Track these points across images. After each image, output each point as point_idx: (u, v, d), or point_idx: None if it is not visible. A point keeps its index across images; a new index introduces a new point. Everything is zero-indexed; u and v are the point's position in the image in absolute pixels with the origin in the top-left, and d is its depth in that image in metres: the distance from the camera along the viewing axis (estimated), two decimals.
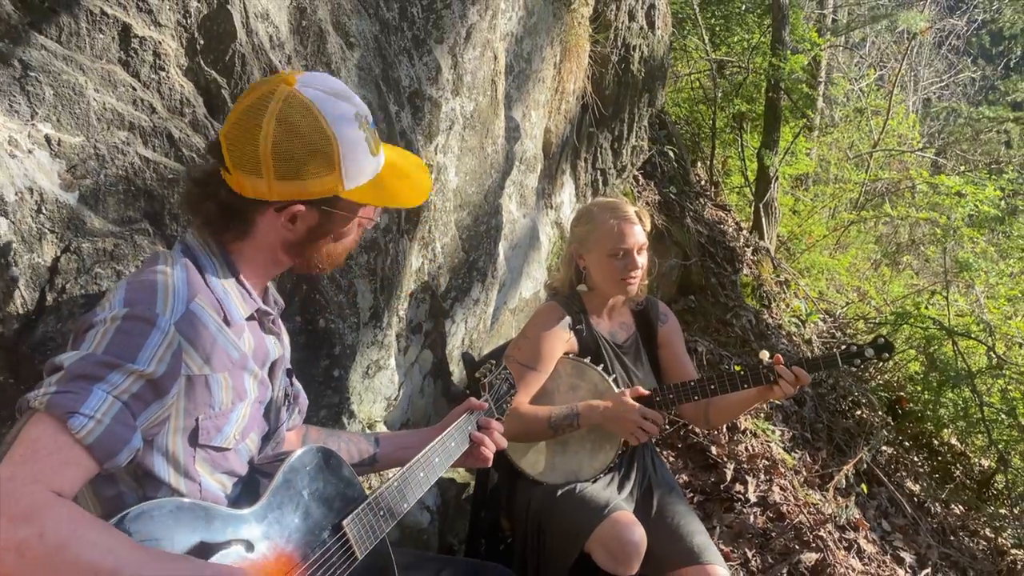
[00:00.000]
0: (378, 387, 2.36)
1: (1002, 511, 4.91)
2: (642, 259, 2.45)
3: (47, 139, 1.45)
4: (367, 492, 1.58)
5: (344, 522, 1.47)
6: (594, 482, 2.41)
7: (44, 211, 1.48)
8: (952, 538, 4.48)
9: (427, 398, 2.68)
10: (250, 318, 1.43)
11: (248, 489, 1.47)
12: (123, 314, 1.21)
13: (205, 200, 1.38)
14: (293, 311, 1.98)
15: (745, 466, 3.90)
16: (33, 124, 1.43)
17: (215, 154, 1.37)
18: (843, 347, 2.42)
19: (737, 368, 2.45)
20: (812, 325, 5.34)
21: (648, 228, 2.49)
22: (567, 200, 3.87)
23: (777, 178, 6.26)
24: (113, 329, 1.19)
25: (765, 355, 2.41)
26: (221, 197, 1.37)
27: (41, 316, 1.52)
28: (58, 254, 1.52)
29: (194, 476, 1.34)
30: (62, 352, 1.21)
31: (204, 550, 1.22)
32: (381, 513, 1.55)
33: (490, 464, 1.83)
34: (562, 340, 2.43)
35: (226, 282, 1.40)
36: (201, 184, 1.40)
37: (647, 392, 2.39)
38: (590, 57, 3.63)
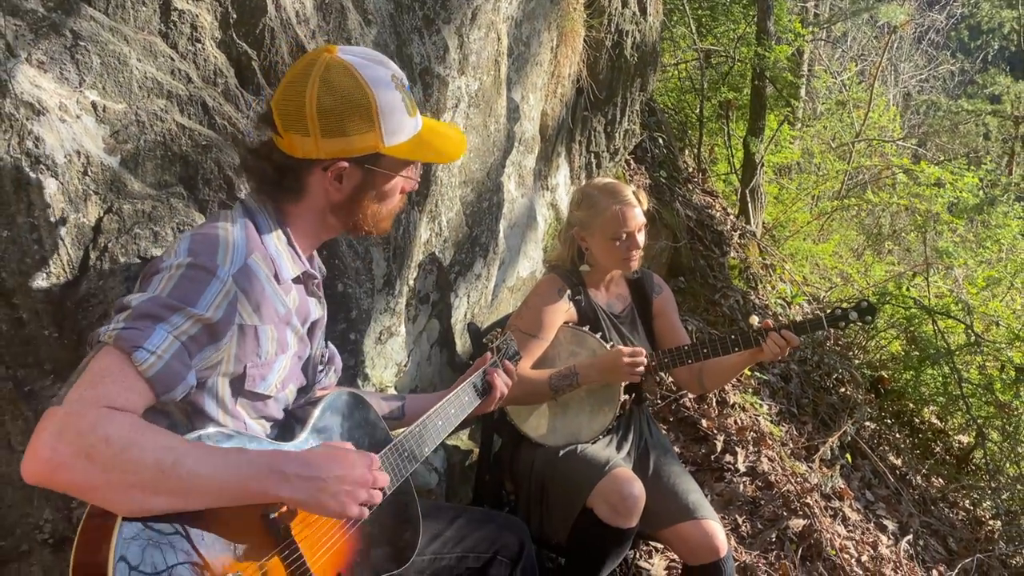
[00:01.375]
0: (390, 353, 2.47)
1: (980, 484, 5.08)
2: (642, 237, 2.57)
3: (93, 105, 1.55)
4: (392, 436, 1.70)
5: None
6: (594, 443, 2.53)
7: (90, 173, 1.58)
8: (932, 508, 4.65)
9: (434, 366, 2.79)
10: (297, 279, 1.55)
11: (284, 431, 1.58)
12: (187, 263, 1.32)
13: (260, 163, 1.50)
14: None
15: (734, 438, 4.04)
16: (81, 91, 1.53)
17: (267, 122, 1.49)
18: (828, 310, 2.56)
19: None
20: (797, 307, 5.50)
21: (646, 207, 2.61)
22: (562, 182, 3.99)
23: (763, 165, 6.42)
24: (178, 275, 1.30)
25: (755, 320, 2.54)
26: (275, 160, 1.49)
27: (85, 274, 1.62)
28: (101, 215, 1.62)
29: (239, 417, 1.46)
30: (126, 295, 1.32)
31: None
32: (405, 455, 1.67)
33: (500, 400, 1.98)
34: (562, 310, 2.55)
35: (279, 244, 1.51)
36: (256, 151, 1.52)
37: (632, 350, 2.51)
38: (585, 42, 3.75)
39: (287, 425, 1.60)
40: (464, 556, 1.92)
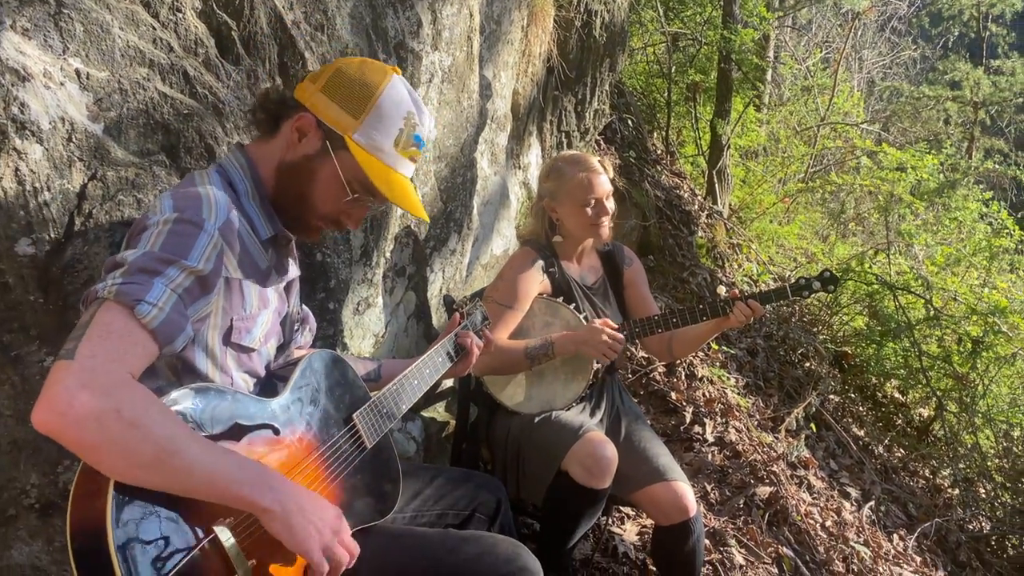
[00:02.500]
0: (367, 324, 2.52)
1: (939, 454, 5.26)
2: (610, 204, 2.65)
3: (77, 73, 1.58)
4: (370, 394, 1.76)
5: (354, 415, 1.65)
6: (568, 410, 2.60)
7: (74, 140, 1.61)
8: (894, 477, 4.81)
9: (411, 338, 2.85)
10: (273, 238, 1.60)
11: (266, 388, 1.63)
12: (174, 218, 1.36)
13: (277, 91, 1.59)
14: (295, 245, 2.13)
15: (703, 410, 4.15)
16: (65, 58, 1.56)
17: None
18: (792, 280, 2.65)
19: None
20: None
21: (612, 175, 2.69)
22: (534, 161, 4.05)
23: (729, 146, 6.53)
24: (167, 230, 1.34)
25: (722, 290, 2.63)
26: (281, 92, 1.58)
27: (70, 239, 1.65)
28: (85, 181, 1.65)
29: (227, 371, 1.50)
30: (114, 254, 1.36)
31: (238, 430, 1.39)
32: (383, 412, 1.73)
33: (474, 360, 2.04)
34: (536, 281, 2.61)
35: (255, 203, 1.56)
36: (282, 90, 1.61)
37: (615, 325, 2.59)
38: (555, 21, 3.80)
39: (269, 384, 1.65)
40: (444, 513, 1.98)
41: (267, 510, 1.28)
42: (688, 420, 4.06)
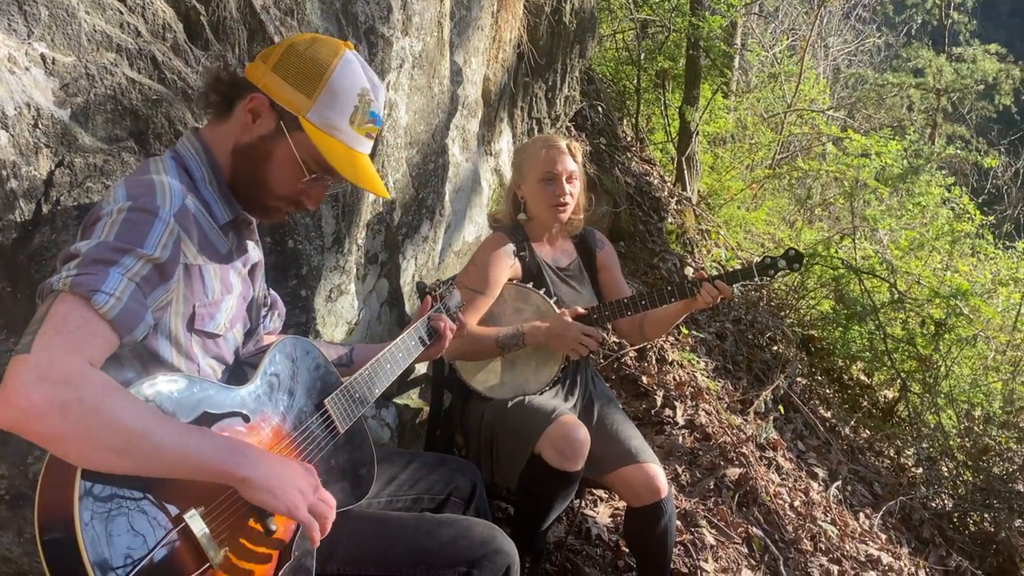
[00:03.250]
0: (340, 311, 2.51)
1: (903, 434, 5.38)
2: (572, 188, 2.64)
3: (42, 57, 1.56)
4: (342, 380, 1.76)
5: (326, 401, 1.65)
6: (540, 394, 2.62)
7: (40, 126, 1.59)
8: (860, 457, 4.91)
9: (384, 326, 2.85)
10: (232, 221, 1.58)
11: (235, 376, 1.62)
12: (128, 206, 1.34)
13: (227, 74, 1.56)
14: (264, 232, 2.11)
15: (673, 393, 4.20)
16: (30, 43, 1.54)
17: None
18: (758, 259, 2.69)
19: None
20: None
21: (579, 161, 2.70)
22: (505, 148, 4.06)
23: (698, 133, 6.58)
24: (120, 220, 1.32)
25: (690, 271, 2.67)
26: (232, 73, 1.55)
27: (37, 227, 1.63)
28: (52, 168, 1.63)
29: (193, 358, 1.49)
30: (70, 245, 1.34)
31: (208, 419, 1.39)
32: (356, 397, 1.73)
33: (447, 343, 2.04)
34: (507, 266, 2.63)
35: (212, 187, 1.54)
36: (234, 72, 1.58)
37: (584, 311, 2.61)
38: (524, 7, 3.80)
39: (238, 371, 1.64)
40: (419, 498, 1.99)
41: (245, 479, 1.29)
42: (659, 404, 4.11)
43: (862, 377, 6.06)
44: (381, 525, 1.70)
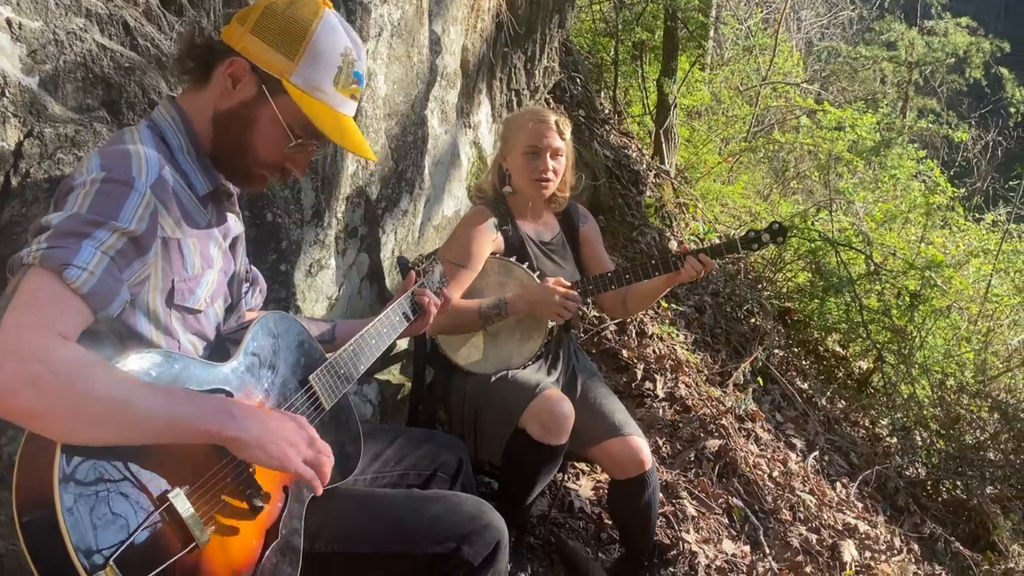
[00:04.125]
0: (320, 286, 2.47)
1: (878, 404, 5.45)
2: (556, 164, 2.60)
3: (8, 22, 1.49)
4: (326, 356, 1.72)
5: (310, 377, 1.62)
6: (524, 369, 2.61)
7: (7, 94, 1.52)
8: (836, 427, 4.97)
9: (365, 301, 2.81)
10: (211, 193, 1.53)
11: (217, 352, 1.58)
12: (102, 177, 1.29)
13: (200, 39, 1.49)
14: (242, 205, 2.05)
15: (653, 366, 4.21)
16: None
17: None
18: (742, 233, 2.69)
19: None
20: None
21: (567, 137, 2.66)
22: (484, 120, 4.00)
23: (676, 105, 6.56)
24: (94, 191, 1.27)
25: (673, 245, 2.65)
26: (211, 40, 1.49)
27: (7, 200, 1.57)
28: (21, 138, 1.57)
29: (173, 334, 1.45)
30: (41, 217, 1.29)
31: None
32: (341, 374, 1.70)
33: (431, 320, 2.00)
34: (489, 239, 2.59)
35: (190, 158, 1.49)
36: (207, 35, 1.50)
37: (568, 283, 2.60)
38: None
39: (220, 347, 1.60)
40: (405, 473, 1.97)
41: (236, 439, 1.26)
42: (639, 377, 4.12)
43: (837, 348, 6.12)
44: (369, 502, 1.67)
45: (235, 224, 1.63)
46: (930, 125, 8.47)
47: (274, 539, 1.41)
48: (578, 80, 5.54)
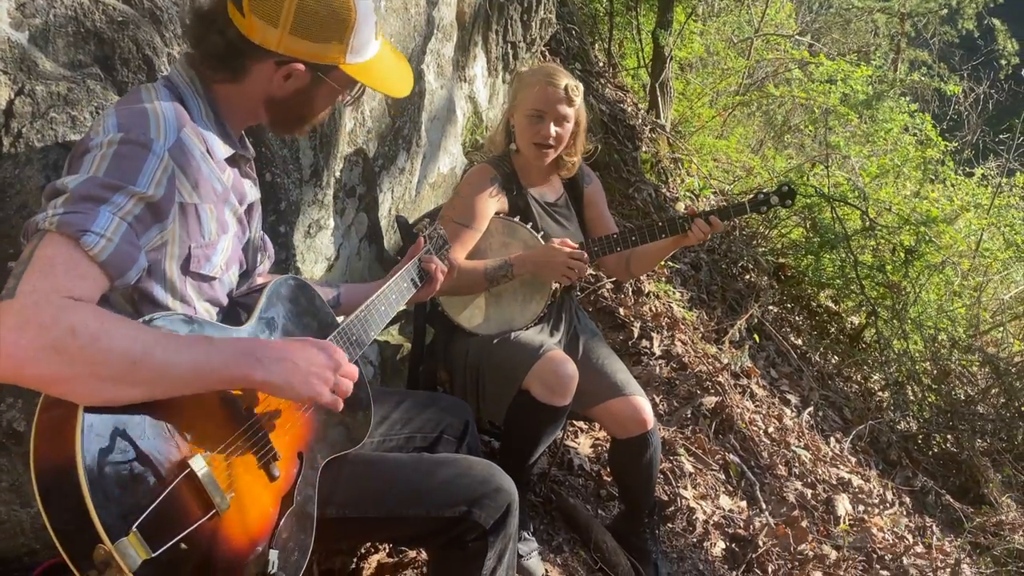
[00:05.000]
0: (319, 247, 2.43)
1: (871, 359, 5.49)
2: (560, 130, 2.51)
3: None
4: (338, 320, 1.70)
5: None
6: (527, 330, 2.59)
7: None
8: (830, 383, 5.01)
9: (364, 261, 2.77)
10: (230, 159, 1.49)
11: (230, 318, 1.56)
12: (119, 138, 1.25)
13: (210, 35, 1.42)
14: None
15: (650, 324, 4.20)
16: None
17: None
18: (751, 195, 2.65)
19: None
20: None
21: (576, 104, 2.56)
22: (480, 74, 3.92)
23: (672, 58, 6.45)
24: (111, 153, 1.23)
25: (681, 207, 2.62)
26: (228, 36, 1.41)
27: None
28: (12, 96, 1.51)
29: (188, 300, 1.42)
30: (56, 180, 1.25)
31: None
32: (352, 340, 1.67)
33: (438, 287, 1.99)
34: (493, 199, 2.55)
35: (208, 121, 1.45)
36: (207, 19, 1.44)
37: (575, 245, 2.56)
38: None
39: (232, 312, 1.57)
40: (412, 436, 1.96)
41: (265, 383, 1.25)
42: (636, 335, 4.11)
43: (830, 304, 6.14)
44: (379, 467, 1.66)
45: (251, 190, 1.59)
46: (922, 78, 8.40)
47: (289, 506, 1.40)
48: (573, 32, 5.43)
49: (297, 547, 1.40)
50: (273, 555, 1.33)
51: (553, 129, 2.50)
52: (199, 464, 1.21)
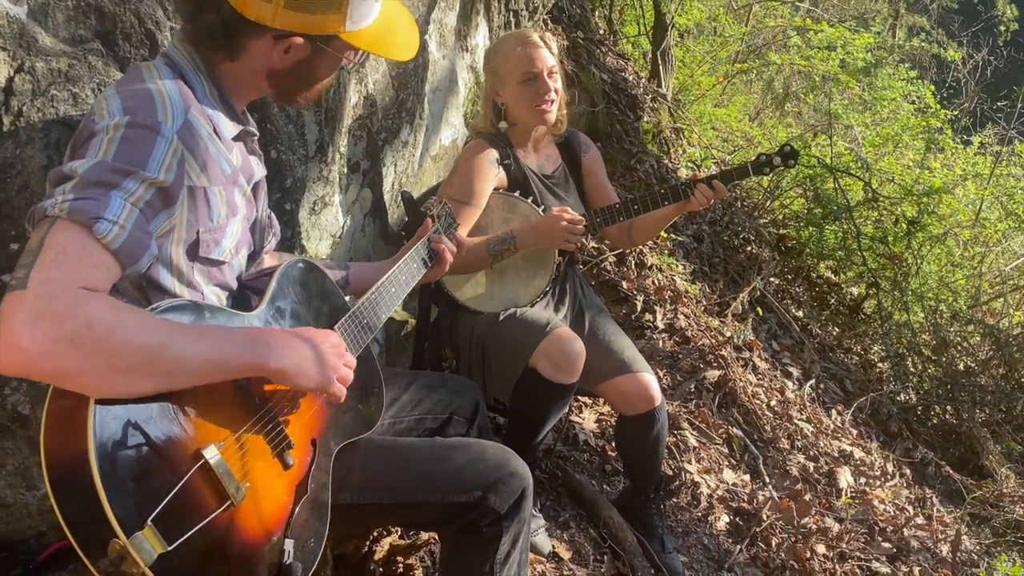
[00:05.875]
0: (324, 224, 2.39)
1: (871, 331, 5.48)
2: (554, 83, 2.50)
3: None
4: (348, 304, 1.67)
5: (335, 327, 1.56)
6: (532, 306, 2.56)
7: None
8: (830, 355, 5.01)
9: (368, 237, 2.73)
10: (236, 138, 1.45)
11: (240, 303, 1.53)
12: (126, 121, 1.20)
13: (204, 12, 1.37)
14: None
15: (653, 298, 4.18)
16: None
17: None
18: (753, 158, 2.61)
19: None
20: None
21: (555, 52, 2.54)
22: (481, 43, 3.84)
23: (673, 25, 6.35)
24: (119, 137, 1.19)
25: (683, 172, 2.58)
26: (223, 13, 1.36)
27: None
28: (11, 74, 1.46)
29: (196, 286, 1.39)
30: (62, 164, 1.21)
31: None
32: (364, 323, 1.65)
33: (447, 268, 1.98)
34: (492, 175, 2.50)
35: (213, 99, 1.41)
36: None
37: (575, 213, 2.52)
38: None
39: (242, 296, 1.54)
40: (422, 418, 1.94)
41: (279, 371, 1.25)
42: (639, 308, 4.09)
43: (829, 275, 6.13)
44: (393, 452, 1.64)
45: (258, 167, 1.56)
46: (922, 44, 8.29)
47: (304, 494, 1.38)
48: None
49: (312, 535, 1.38)
50: (288, 544, 1.31)
51: (550, 83, 2.47)
52: (213, 454, 1.19)
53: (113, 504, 1.05)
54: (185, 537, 1.12)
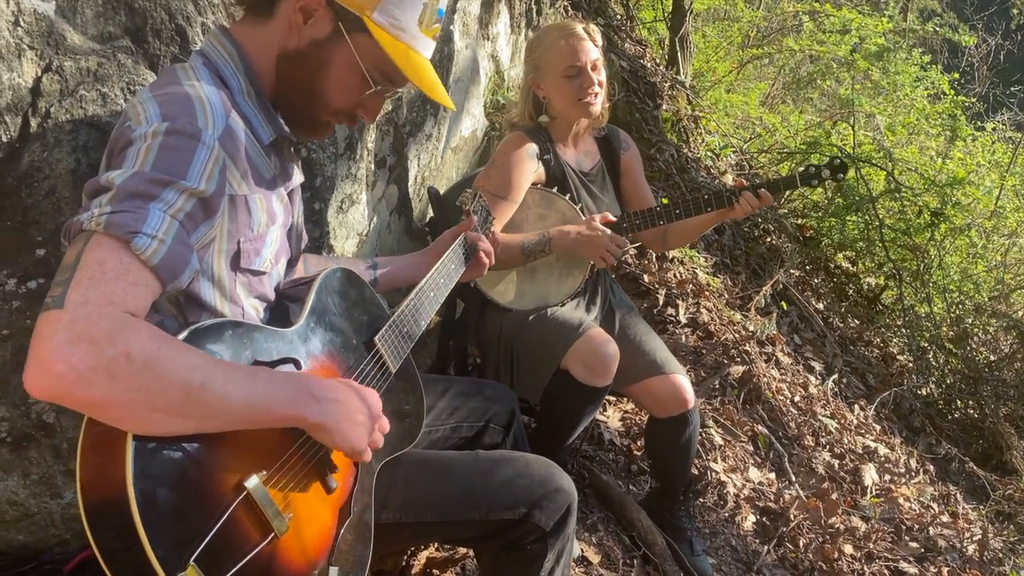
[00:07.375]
0: (351, 222, 2.32)
1: (894, 324, 5.40)
2: (598, 76, 2.44)
3: None
4: (389, 313, 1.60)
5: (376, 338, 1.50)
6: (563, 306, 2.50)
7: (22, 23, 1.34)
8: (851, 348, 4.94)
9: (394, 234, 2.66)
10: (275, 141, 1.38)
11: (277, 313, 1.46)
12: (164, 128, 1.13)
13: None
14: None
15: (675, 291, 4.11)
16: None
17: None
18: (802, 168, 2.53)
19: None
20: (725, 159, 5.52)
21: (599, 43, 2.48)
22: (503, 31, 3.76)
23: (692, 10, 6.24)
24: (157, 144, 1.12)
25: (729, 179, 2.50)
26: None
27: (26, 144, 1.41)
28: (39, 74, 1.39)
29: (237, 300, 1.32)
30: (84, 156, 1.14)
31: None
32: (404, 332, 1.58)
33: (485, 270, 1.90)
34: (531, 170, 2.43)
35: (252, 101, 1.33)
36: None
37: (614, 218, 2.46)
38: None
39: (279, 308, 1.47)
40: (458, 427, 1.88)
41: (318, 425, 1.17)
42: (661, 303, 4.02)
43: (847, 265, 6.05)
44: (434, 467, 1.58)
45: (296, 174, 1.48)
46: (937, 28, 8.15)
47: (347, 517, 1.32)
48: None
49: (357, 561, 1.32)
50: (333, 572, 1.25)
51: (594, 76, 2.41)
52: (255, 484, 1.12)
53: (154, 544, 0.99)
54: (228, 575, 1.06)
